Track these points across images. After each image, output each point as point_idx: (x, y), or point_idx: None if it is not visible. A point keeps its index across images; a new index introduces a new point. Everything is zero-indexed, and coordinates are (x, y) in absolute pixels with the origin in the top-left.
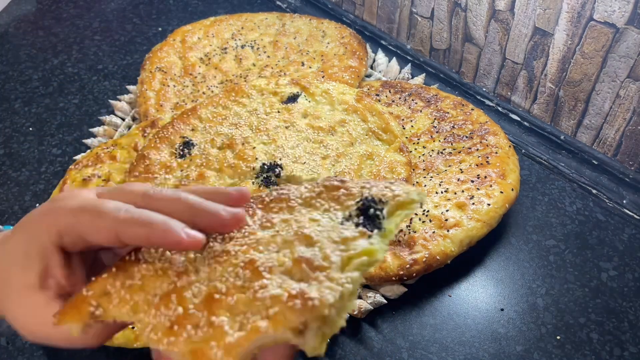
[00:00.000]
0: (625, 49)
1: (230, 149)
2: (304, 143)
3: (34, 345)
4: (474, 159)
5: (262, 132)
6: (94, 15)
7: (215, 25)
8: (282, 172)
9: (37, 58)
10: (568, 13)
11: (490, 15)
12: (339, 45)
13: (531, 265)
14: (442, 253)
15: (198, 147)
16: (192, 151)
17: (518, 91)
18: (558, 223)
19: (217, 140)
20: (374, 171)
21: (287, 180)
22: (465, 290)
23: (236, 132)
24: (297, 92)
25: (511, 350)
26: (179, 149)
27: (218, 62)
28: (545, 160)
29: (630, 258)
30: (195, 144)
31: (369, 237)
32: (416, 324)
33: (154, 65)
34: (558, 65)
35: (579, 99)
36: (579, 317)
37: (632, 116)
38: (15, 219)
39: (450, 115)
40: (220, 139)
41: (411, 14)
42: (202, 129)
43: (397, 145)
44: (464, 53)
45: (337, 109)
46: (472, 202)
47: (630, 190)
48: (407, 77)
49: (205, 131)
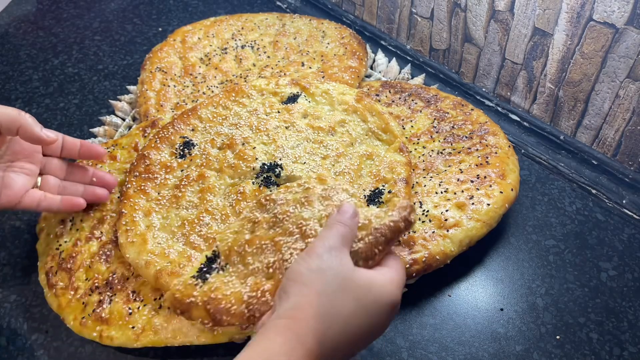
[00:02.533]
0: (625, 49)
1: (230, 149)
2: (304, 143)
3: (34, 345)
4: (473, 159)
5: (262, 132)
6: (94, 16)
7: (215, 26)
8: (282, 172)
9: (37, 58)
10: (567, 13)
11: (490, 15)
12: (338, 45)
13: (531, 265)
14: (441, 253)
15: (198, 147)
16: (193, 151)
17: (518, 91)
18: (558, 223)
19: (217, 140)
20: (373, 171)
21: (287, 180)
22: (465, 290)
23: (236, 132)
24: (297, 93)
25: (511, 350)
26: (179, 149)
27: (218, 63)
28: (544, 160)
29: (629, 258)
30: (195, 144)
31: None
32: (416, 323)
33: (154, 65)
34: (558, 66)
35: (579, 99)
36: (578, 317)
37: (631, 116)
38: (16, 219)
39: (450, 115)
40: (221, 139)
41: (411, 14)
42: (202, 129)
43: (397, 146)
44: (463, 53)
45: (337, 109)
46: (471, 202)
47: (630, 190)
48: (407, 77)
49: (206, 131)
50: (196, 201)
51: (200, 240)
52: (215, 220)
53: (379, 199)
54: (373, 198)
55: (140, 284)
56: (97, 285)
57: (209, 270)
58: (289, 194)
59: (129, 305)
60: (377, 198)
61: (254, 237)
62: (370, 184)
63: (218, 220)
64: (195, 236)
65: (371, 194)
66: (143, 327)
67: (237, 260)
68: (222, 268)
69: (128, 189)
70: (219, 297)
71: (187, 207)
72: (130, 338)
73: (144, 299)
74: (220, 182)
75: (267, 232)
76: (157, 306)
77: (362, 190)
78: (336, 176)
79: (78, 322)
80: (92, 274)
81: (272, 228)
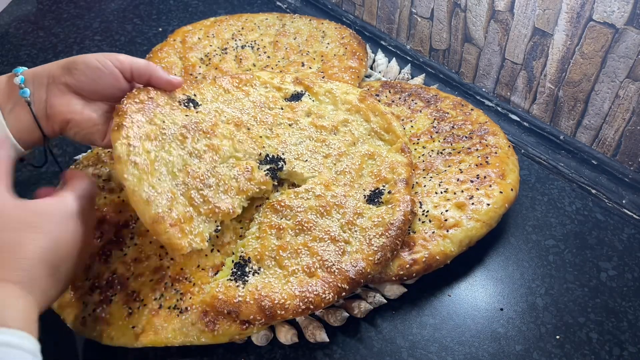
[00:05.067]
0: (625, 49)
1: (236, 127)
2: (306, 141)
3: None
4: (473, 159)
5: (266, 125)
6: (95, 16)
7: (215, 26)
8: (285, 166)
9: (37, 58)
10: (567, 13)
11: (490, 15)
12: (338, 45)
13: (530, 265)
14: (441, 253)
15: (203, 108)
16: (198, 109)
17: (517, 91)
18: (557, 223)
19: (221, 114)
20: (374, 171)
21: (289, 175)
22: (465, 290)
23: (241, 117)
24: (301, 91)
25: (511, 350)
26: (183, 101)
27: (218, 63)
28: (544, 160)
29: (629, 258)
30: (199, 104)
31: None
32: (416, 323)
33: None
34: (557, 66)
35: (579, 99)
36: (578, 317)
37: (631, 116)
38: None
39: (449, 115)
40: (225, 116)
41: (411, 15)
42: (204, 100)
43: (399, 146)
44: (463, 53)
45: (340, 108)
46: (471, 202)
47: (630, 190)
48: (407, 77)
49: (209, 102)
50: (202, 151)
51: (200, 200)
52: (218, 188)
53: (379, 199)
54: (373, 198)
55: (141, 284)
56: (97, 285)
57: (245, 274)
58: (304, 201)
59: (129, 305)
60: (377, 198)
61: (285, 242)
62: (370, 184)
63: (221, 190)
64: (196, 193)
65: (371, 194)
66: (143, 327)
67: (272, 264)
68: (257, 272)
69: (127, 108)
70: (270, 294)
71: (191, 153)
72: (130, 338)
73: (144, 299)
74: (227, 146)
75: (296, 239)
76: (157, 306)
77: (363, 190)
78: (337, 175)
79: (78, 321)
80: (92, 274)
81: (300, 235)
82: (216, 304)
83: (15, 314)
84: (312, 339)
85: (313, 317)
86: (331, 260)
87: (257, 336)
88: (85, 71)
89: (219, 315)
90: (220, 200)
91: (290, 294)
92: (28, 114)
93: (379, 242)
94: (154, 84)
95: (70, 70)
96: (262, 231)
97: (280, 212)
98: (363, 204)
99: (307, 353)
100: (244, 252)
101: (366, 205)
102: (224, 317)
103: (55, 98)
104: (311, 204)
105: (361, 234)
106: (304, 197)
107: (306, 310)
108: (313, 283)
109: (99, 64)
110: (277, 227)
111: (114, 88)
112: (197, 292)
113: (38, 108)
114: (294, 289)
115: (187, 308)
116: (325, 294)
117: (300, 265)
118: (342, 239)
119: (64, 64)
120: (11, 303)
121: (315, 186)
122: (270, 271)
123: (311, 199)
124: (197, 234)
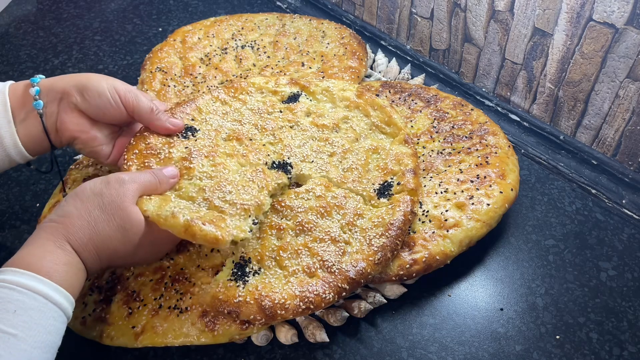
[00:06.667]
0: (625, 49)
1: (237, 142)
2: (309, 142)
3: None
4: (473, 159)
5: (268, 131)
6: (95, 16)
7: (215, 26)
8: (293, 170)
9: (37, 58)
10: (567, 13)
11: (490, 15)
12: (338, 45)
13: (530, 265)
14: (441, 253)
15: (202, 132)
16: (196, 135)
17: (517, 91)
18: (557, 223)
19: (221, 131)
20: (381, 165)
21: (297, 179)
22: (465, 290)
23: (242, 129)
24: (297, 92)
25: (510, 350)
26: (181, 133)
27: (218, 63)
28: (544, 160)
29: (629, 258)
30: (198, 130)
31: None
32: (416, 323)
33: (155, 65)
34: (557, 66)
35: (579, 99)
36: (578, 317)
37: (631, 116)
38: (16, 219)
39: (449, 115)
40: (225, 132)
41: (411, 15)
42: (203, 120)
43: (402, 137)
44: (463, 53)
45: (338, 105)
46: (471, 202)
47: (630, 190)
48: (407, 77)
49: (207, 122)
50: (210, 172)
51: (226, 204)
52: (239, 191)
53: (389, 192)
54: (383, 191)
55: (141, 284)
56: (97, 285)
57: (245, 274)
58: (304, 201)
59: (129, 305)
60: (386, 191)
61: (285, 243)
62: (379, 178)
63: (242, 192)
64: (220, 201)
65: (380, 187)
66: (143, 327)
67: (272, 264)
68: (257, 272)
69: (129, 166)
70: (270, 294)
71: (200, 178)
72: (130, 338)
73: (144, 299)
74: (233, 163)
75: (296, 239)
76: (157, 306)
77: (372, 184)
78: (344, 172)
79: (78, 321)
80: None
81: (300, 235)
82: (216, 304)
83: (64, 275)
84: (312, 339)
85: (313, 317)
86: (331, 260)
87: (257, 336)
88: (95, 98)
89: (219, 315)
90: (245, 199)
91: (290, 294)
92: (39, 125)
93: (379, 242)
94: (153, 130)
95: (82, 92)
96: (263, 231)
97: (281, 213)
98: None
99: (307, 353)
100: (244, 252)
101: (377, 200)
102: (224, 317)
103: (66, 115)
104: (311, 205)
105: (361, 235)
106: (305, 198)
107: (306, 310)
108: (313, 283)
109: (109, 96)
110: (277, 227)
111: (117, 119)
112: (197, 292)
113: (49, 121)
114: (294, 289)
115: (187, 308)
116: (325, 294)
117: (301, 266)
118: (342, 239)
119: (78, 83)
120: (69, 260)
121: (315, 187)
122: (270, 271)
123: (311, 199)
124: (235, 227)
